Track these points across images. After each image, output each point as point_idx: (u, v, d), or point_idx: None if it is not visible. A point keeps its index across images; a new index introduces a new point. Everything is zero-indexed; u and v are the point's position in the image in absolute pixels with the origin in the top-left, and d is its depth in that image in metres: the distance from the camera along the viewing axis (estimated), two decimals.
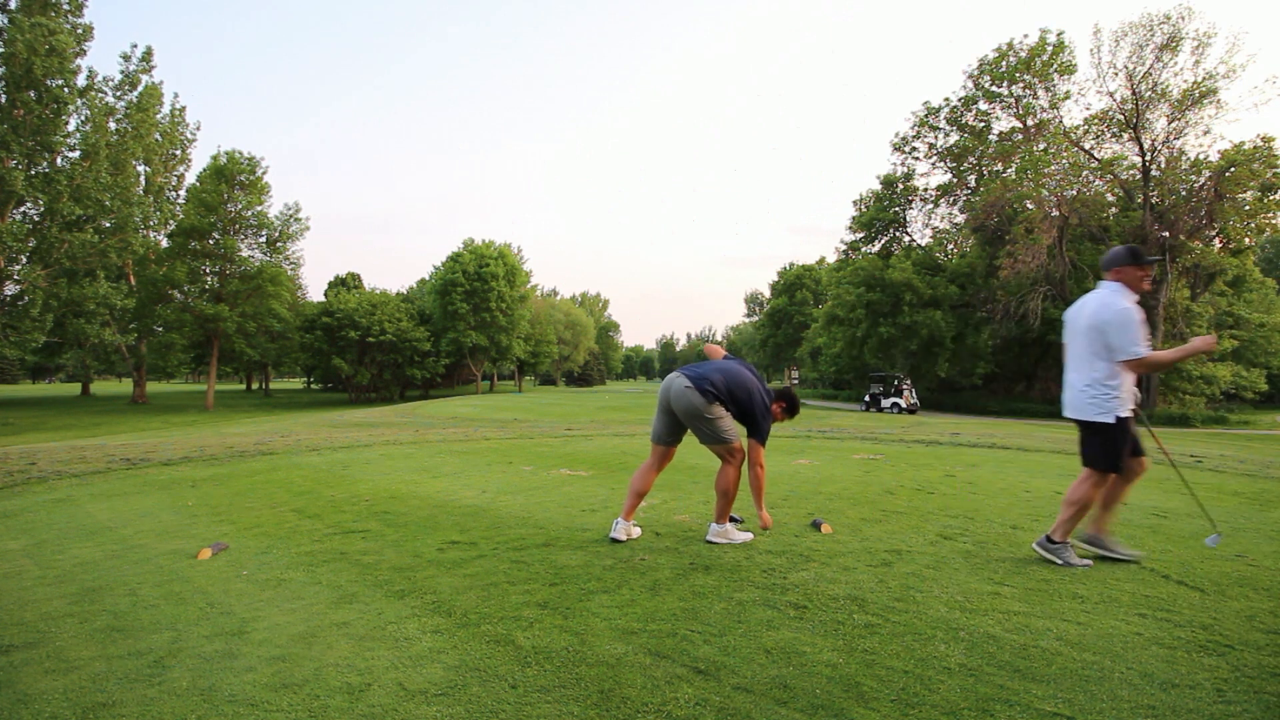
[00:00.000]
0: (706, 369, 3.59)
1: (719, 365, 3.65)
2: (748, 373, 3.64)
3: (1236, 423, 26.04)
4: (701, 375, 3.50)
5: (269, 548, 3.62)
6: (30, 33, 24.07)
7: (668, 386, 3.55)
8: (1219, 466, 7.03)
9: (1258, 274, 32.80)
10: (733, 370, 3.59)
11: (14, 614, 2.67)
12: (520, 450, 8.09)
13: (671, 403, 3.50)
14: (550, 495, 5.04)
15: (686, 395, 3.45)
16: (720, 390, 3.47)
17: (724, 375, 3.53)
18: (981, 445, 8.85)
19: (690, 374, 3.53)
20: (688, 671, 2.05)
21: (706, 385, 3.45)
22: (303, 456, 7.73)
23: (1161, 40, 26.73)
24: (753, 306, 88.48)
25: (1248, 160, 24.82)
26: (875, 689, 1.94)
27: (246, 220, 40.36)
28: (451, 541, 3.66)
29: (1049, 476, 6.03)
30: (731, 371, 3.58)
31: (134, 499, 5.24)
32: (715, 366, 3.63)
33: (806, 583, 2.88)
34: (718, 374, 3.53)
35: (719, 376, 3.51)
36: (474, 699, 1.89)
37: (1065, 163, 29.18)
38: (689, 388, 3.45)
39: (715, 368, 3.61)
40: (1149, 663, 2.11)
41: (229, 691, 1.96)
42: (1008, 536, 3.72)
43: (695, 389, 3.44)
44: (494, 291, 49.81)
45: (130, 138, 31.93)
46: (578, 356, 78.75)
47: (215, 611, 2.64)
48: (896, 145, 37.14)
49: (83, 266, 28.04)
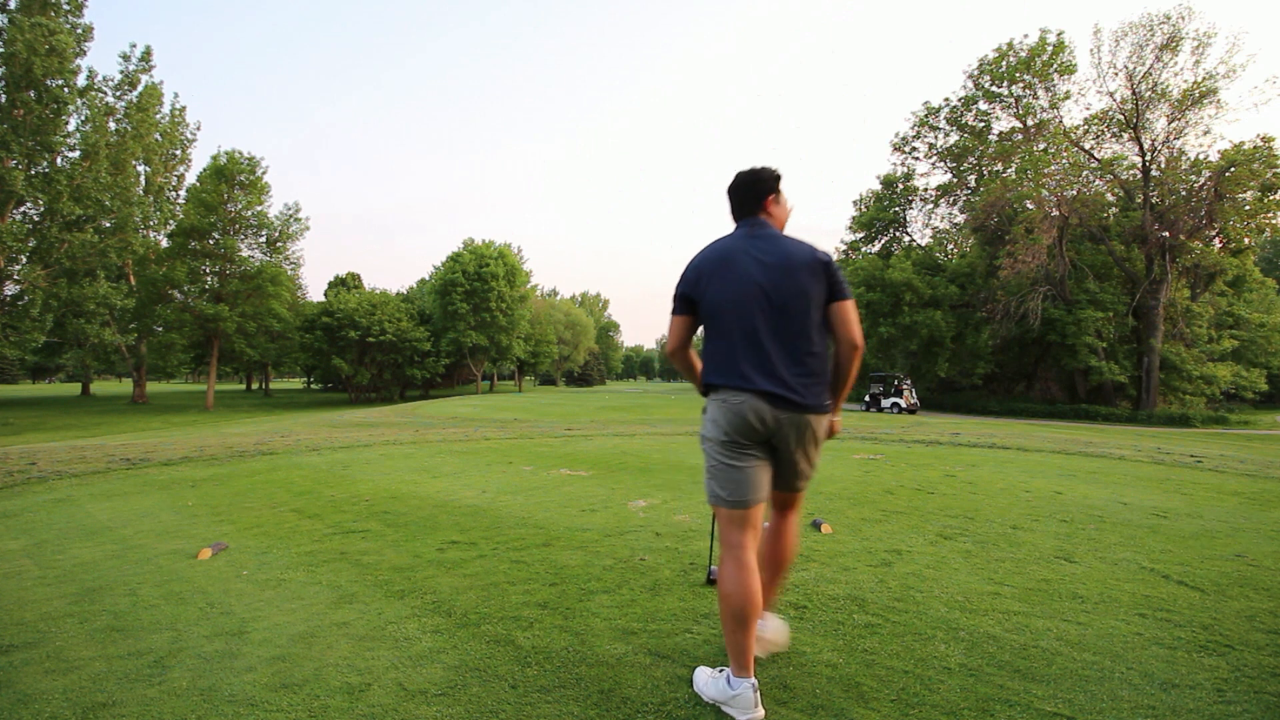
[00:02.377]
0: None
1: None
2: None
3: (1237, 423, 26.03)
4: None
5: (269, 548, 3.62)
6: (30, 33, 24.05)
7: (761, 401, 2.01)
8: (1219, 466, 7.03)
9: (1258, 274, 32.73)
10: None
11: (14, 614, 2.67)
12: (520, 450, 8.09)
13: (784, 426, 1.99)
14: (550, 495, 5.04)
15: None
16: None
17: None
18: (981, 445, 8.85)
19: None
20: (688, 671, 2.05)
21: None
22: (303, 456, 7.72)
23: (1161, 40, 26.75)
24: None
25: (1248, 160, 24.82)
26: (875, 689, 1.94)
27: (246, 220, 40.36)
28: (451, 541, 3.66)
29: (1049, 476, 6.03)
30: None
31: (134, 499, 5.24)
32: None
33: (806, 583, 2.88)
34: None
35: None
36: (474, 699, 1.89)
37: (1065, 163, 29.20)
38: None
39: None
40: (1149, 663, 2.11)
41: (229, 691, 1.96)
42: (1008, 536, 3.72)
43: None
44: (494, 291, 49.81)
45: (130, 138, 31.88)
46: (578, 356, 78.72)
47: (215, 611, 2.64)
48: (896, 145, 37.18)
49: (83, 266, 28.00)
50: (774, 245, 1.99)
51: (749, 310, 1.91)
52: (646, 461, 6.95)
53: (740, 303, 1.93)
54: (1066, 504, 4.68)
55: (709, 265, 2.01)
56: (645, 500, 4.79)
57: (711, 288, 1.98)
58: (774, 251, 1.97)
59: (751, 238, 2.02)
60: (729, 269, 1.97)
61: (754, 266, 1.95)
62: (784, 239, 2.01)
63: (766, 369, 1.91)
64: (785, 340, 1.92)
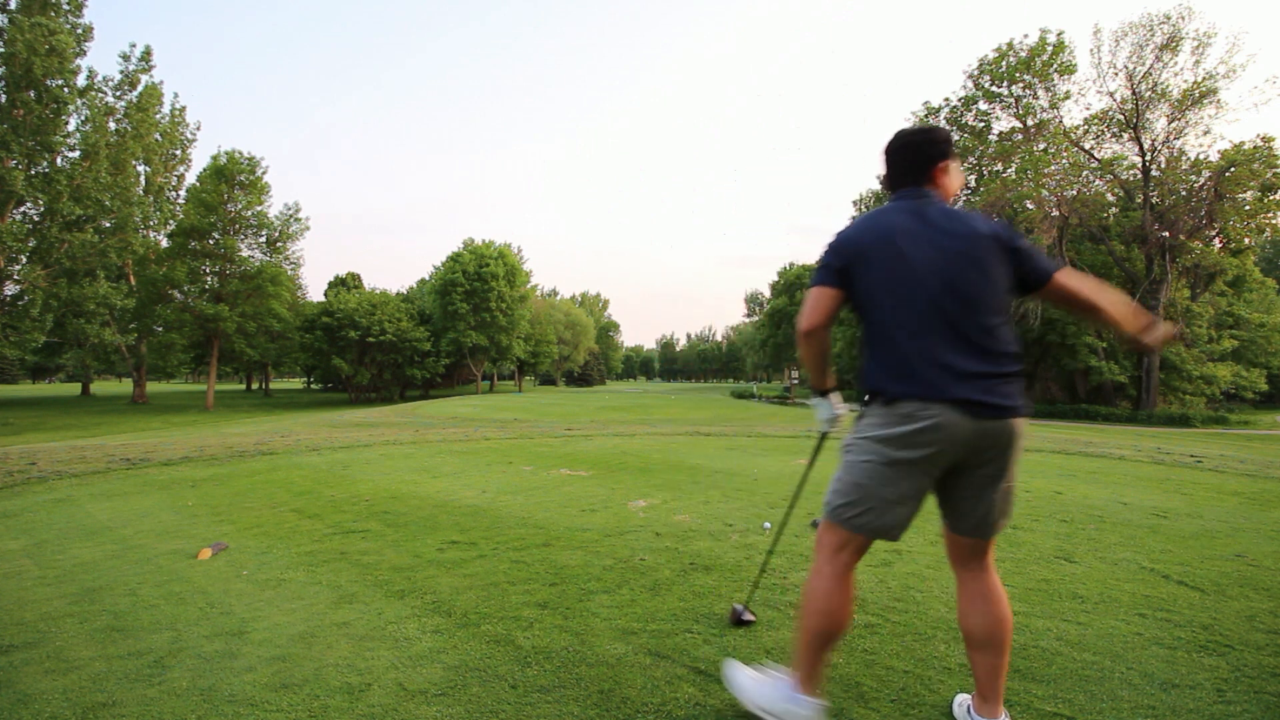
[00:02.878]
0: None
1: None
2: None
3: (1237, 423, 26.02)
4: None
5: (269, 548, 3.62)
6: (30, 33, 24.06)
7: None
8: (1219, 466, 7.03)
9: (1258, 274, 32.73)
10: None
11: (14, 614, 2.67)
12: (520, 450, 8.09)
13: (986, 440, 1.61)
14: (550, 495, 5.04)
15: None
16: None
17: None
18: None
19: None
20: (688, 671, 2.05)
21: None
22: (303, 456, 7.72)
23: (1161, 40, 26.74)
24: (753, 306, 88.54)
25: (1248, 160, 24.82)
26: (875, 689, 1.94)
27: (246, 220, 40.39)
28: (451, 541, 3.66)
29: (1049, 476, 6.02)
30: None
31: (134, 499, 5.24)
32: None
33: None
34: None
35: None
36: (474, 699, 1.89)
37: (1065, 163, 29.17)
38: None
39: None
40: (1149, 663, 2.11)
41: (229, 691, 1.96)
42: (1008, 536, 3.71)
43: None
44: (494, 291, 49.83)
45: (130, 138, 31.89)
46: (578, 356, 78.70)
47: (215, 611, 2.64)
48: None
49: (83, 266, 28.01)
50: (954, 224, 1.65)
51: (933, 303, 1.59)
52: (646, 461, 6.95)
53: (919, 294, 1.60)
54: (1066, 504, 4.68)
55: (874, 246, 1.67)
56: (645, 500, 4.79)
57: (876, 273, 1.65)
58: (956, 232, 1.64)
59: (922, 214, 1.68)
60: (903, 251, 1.63)
61: (932, 250, 1.62)
62: (964, 215, 1.68)
63: (960, 372, 1.57)
64: (977, 336, 1.59)
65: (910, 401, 1.59)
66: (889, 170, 1.80)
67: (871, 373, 1.68)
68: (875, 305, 1.66)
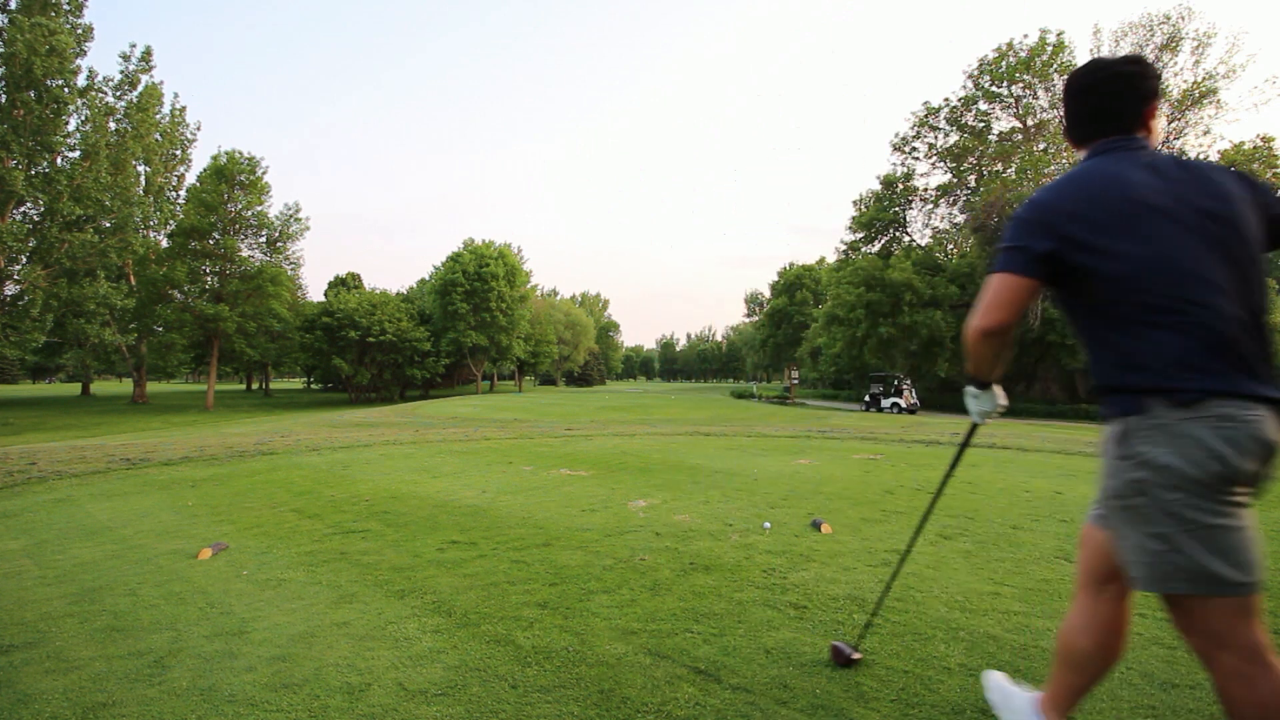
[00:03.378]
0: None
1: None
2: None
3: None
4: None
5: (269, 548, 3.62)
6: (30, 33, 24.06)
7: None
8: None
9: None
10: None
11: (14, 614, 2.67)
12: (520, 450, 8.09)
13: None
14: (550, 495, 5.04)
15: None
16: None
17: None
18: (981, 445, 8.84)
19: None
20: (688, 671, 2.05)
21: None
22: (303, 456, 7.72)
23: (1161, 40, 26.77)
24: (753, 306, 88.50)
25: (1248, 160, 24.85)
26: (875, 689, 1.94)
27: (246, 220, 40.41)
28: (451, 541, 3.66)
29: (1049, 476, 6.02)
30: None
31: (134, 499, 5.24)
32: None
33: (806, 583, 2.88)
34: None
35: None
36: (474, 699, 1.89)
37: (1065, 163, 29.19)
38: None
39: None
40: (1149, 663, 2.11)
41: (229, 691, 1.96)
42: (1008, 536, 3.72)
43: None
44: (494, 291, 49.84)
45: (130, 138, 31.89)
46: (578, 356, 78.71)
47: (215, 611, 2.64)
48: (896, 145, 37.15)
49: (83, 266, 28.02)
50: (1201, 179, 1.33)
51: (1212, 277, 1.26)
52: (646, 461, 6.95)
53: (1192, 267, 1.27)
54: (1066, 504, 4.68)
55: (1106, 210, 1.32)
56: (645, 500, 4.79)
57: (1125, 242, 1.30)
58: (1208, 190, 1.32)
59: (1155, 167, 1.35)
60: (1153, 215, 1.30)
61: (1189, 211, 1.30)
62: (1205, 167, 1.36)
63: (1257, 366, 1.26)
64: (1260, 316, 1.29)
65: (1228, 401, 1.25)
66: (1080, 113, 1.46)
67: (1148, 364, 1.31)
68: (1130, 283, 1.30)
